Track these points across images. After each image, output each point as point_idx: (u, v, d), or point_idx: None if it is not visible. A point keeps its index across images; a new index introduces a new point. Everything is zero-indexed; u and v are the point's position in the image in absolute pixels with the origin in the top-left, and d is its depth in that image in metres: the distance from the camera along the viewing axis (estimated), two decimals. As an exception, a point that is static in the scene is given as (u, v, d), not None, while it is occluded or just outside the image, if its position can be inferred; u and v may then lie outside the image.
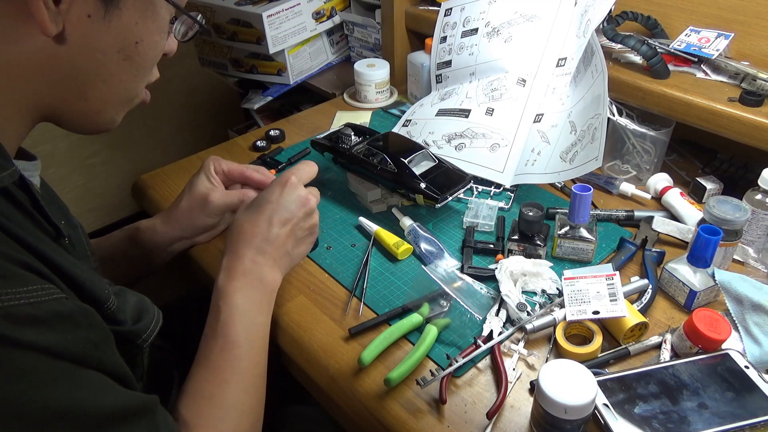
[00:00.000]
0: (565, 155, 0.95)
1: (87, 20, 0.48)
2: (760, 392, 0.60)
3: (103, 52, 0.51)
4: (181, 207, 0.81)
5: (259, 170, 0.83)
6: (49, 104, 0.51)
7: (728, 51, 0.95)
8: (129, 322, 0.55)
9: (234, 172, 0.82)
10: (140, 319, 0.57)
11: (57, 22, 0.46)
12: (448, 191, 0.86)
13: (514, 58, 1.01)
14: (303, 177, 0.72)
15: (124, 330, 0.53)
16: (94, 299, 0.50)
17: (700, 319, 0.65)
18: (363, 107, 1.27)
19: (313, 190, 0.73)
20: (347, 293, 0.79)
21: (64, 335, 0.43)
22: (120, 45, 0.52)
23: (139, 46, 0.53)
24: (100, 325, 0.48)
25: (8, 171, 0.47)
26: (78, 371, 0.43)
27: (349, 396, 0.66)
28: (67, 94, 0.52)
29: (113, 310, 0.52)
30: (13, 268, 0.42)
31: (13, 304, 0.40)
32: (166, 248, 0.82)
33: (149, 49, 0.55)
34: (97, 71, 0.52)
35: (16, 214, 0.47)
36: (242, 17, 1.36)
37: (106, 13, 0.49)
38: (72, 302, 0.45)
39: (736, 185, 0.93)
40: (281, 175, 0.72)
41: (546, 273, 0.77)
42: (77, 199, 1.91)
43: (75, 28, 0.48)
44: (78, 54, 0.49)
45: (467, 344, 0.69)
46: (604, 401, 0.59)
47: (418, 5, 1.28)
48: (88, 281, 0.49)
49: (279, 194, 0.69)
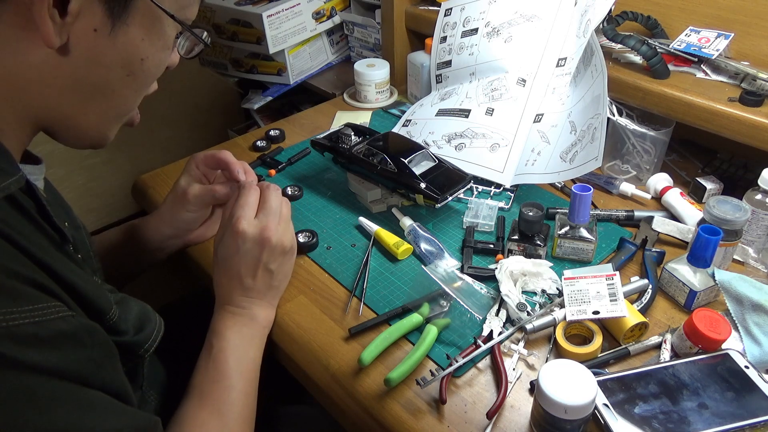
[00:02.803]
0: (565, 155, 0.95)
1: (92, 34, 0.48)
2: (760, 392, 0.60)
3: (107, 66, 0.51)
4: (166, 203, 0.83)
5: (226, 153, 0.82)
6: (49, 116, 0.51)
7: (728, 51, 0.95)
8: (131, 331, 0.55)
9: (208, 158, 0.82)
10: (142, 328, 0.57)
11: (62, 34, 0.46)
12: (448, 191, 0.86)
13: (514, 58, 1.01)
14: (249, 214, 0.70)
15: (125, 341, 0.53)
16: (96, 309, 0.50)
17: (700, 319, 0.65)
18: (363, 107, 1.27)
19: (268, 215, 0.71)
20: (347, 293, 0.79)
21: (68, 355, 0.42)
22: (125, 61, 0.51)
23: (144, 63, 0.53)
24: (105, 342, 0.48)
25: (15, 177, 0.47)
26: (80, 392, 0.43)
27: (349, 396, 0.66)
28: (69, 107, 0.51)
29: (115, 321, 0.52)
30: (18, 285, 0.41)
31: (17, 324, 0.39)
32: (159, 245, 0.83)
33: (153, 66, 0.54)
34: (100, 85, 0.52)
35: (22, 222, 0.46)
36: (242, 17, 1.36)
37: (113, 28, 0.49)
38: (76, 320, 0.45)
39: (736, 185, 0.93)
40: (231, 222, 0.70)
41: (546, 273, 0.77)
42: (77, 199, 1.91)
43: (80, 41, 0.48)
44: (82, 67, 0.49)
45: (467, 344, 0.69)
46: (604, 401, 0.59)
47: (418, 5, 1.28)
48: (90, 291, 0.49)
49: (235, 248, 0.69)
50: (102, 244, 0.81)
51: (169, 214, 0.82)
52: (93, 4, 0.47)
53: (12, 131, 0.49)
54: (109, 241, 0.82)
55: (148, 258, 0.84)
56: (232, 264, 0.70)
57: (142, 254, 0.83)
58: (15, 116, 0.49)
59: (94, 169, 1.93)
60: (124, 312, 0.55)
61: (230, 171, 0.79)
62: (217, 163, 0.81)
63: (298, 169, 1.06)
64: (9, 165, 0.47)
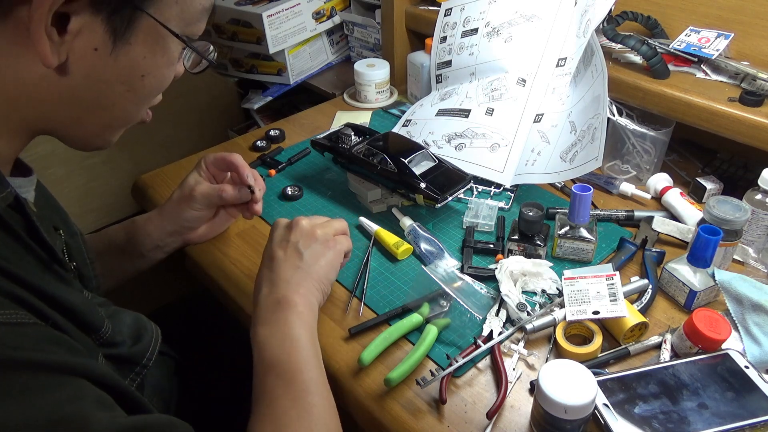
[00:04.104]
0: (565, 155, 0.95)
1: (93, 53, 0.47)
2: (760, 392, 0.60)
3: (106, 83, 0.49)
4: (172, 200, 0.83)
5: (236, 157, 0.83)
6: (46, 126, 0.51)
7: (728, 51, 0.95)
8: (128, 342, 0.54)
9: (218, 159, 0.82)
10: (139, 338, 0.56)
11: (60, 53, 0.45)
12: (448, 191, 0.86)
13: (514, 58, 1.01)
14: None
15: (123, 353, 0.53)
16: (88, 326, 0.49)
17: (700, 319, 0.65)
18: (363, 107, 1.27)
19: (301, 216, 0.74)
20: (347, 293, 0.79)
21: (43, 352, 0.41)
22: (125, 77, 0.50)
23: (145, 79, 0.51)
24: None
25: (2, 194, 0.46)
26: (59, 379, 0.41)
27: (349, 396, 0.66)
28: (67, 119, 0.51)
29: (110, 335, 0.51)
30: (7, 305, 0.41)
31: None
32: (159, 242, 0.83)
33: (155, 81, 0.53)
34: (99, 100, 0.50)
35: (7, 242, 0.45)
36: (242, 17, 1.36)
37: (114, 47, 0.47)
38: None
39: (736, 185, 0.93)
40: None
41: (546, 273, 0.77)
42: (77, 199, 1.90)
43: (79, 59, 0.46)
44: (81, 84, 0.48)
45: (467, 344, 0.69)
46: (604, 401, 0.59)
47: (418, 5, 1.28)
48: (81, 308, 0.48)
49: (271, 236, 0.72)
50: (102, 242, 0.81)
51: (174, 210, 0.82)
52: (94, 22, 0.45)
53: (5, 142, 0.48)
54: (109, 238, 0.82)
55: (148, 256, 0.83)
56: (268, 250, 0.71)
57: (141, 252, 0.82)
58: (8, 127, 0.48)
59: (94, 169, 1.92)
60: (117, 324, 0.54)
61: (239, 174, 0.80)
62: (227, 165, 0.82)
63: (298, 169, 1.06)
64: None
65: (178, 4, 0.49)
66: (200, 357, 0.85)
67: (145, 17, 0.48)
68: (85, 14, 0.44)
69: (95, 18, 0.45)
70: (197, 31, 0.54)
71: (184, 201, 0.81)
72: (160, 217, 0.83)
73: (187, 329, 0.89)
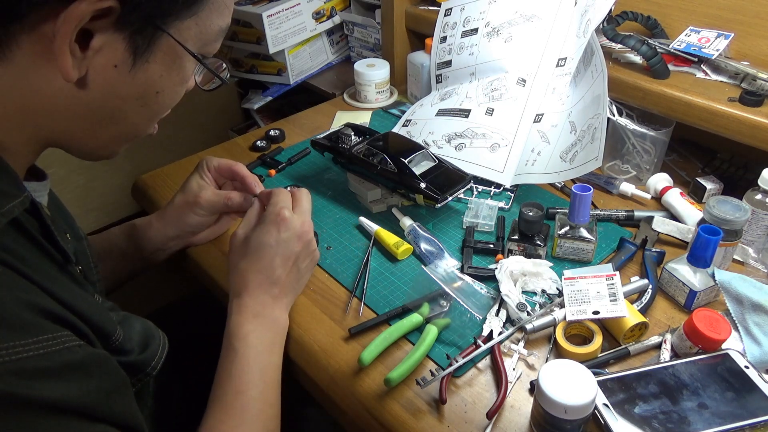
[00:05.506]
0: (565, 155, 0.95)
1: (112, 69, 0.47)
2: (760, 392, 0.60)
3: (122, 98, 0.50)
4: (174, 205, 0.82)
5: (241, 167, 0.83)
6: (59, 138, 0.51)
7: (728, 51, 0.95)
8: (137, 350, 0.55)
9: (223, 167, 0.82)
10: (147, 346, 0.57)
11: (81, 68, 0.45)
12: (448, 191, 0.86)
13: (514, 58, 1.01)
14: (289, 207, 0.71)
15: (132, 360, 0.53)
16: (102, 333, 0.49)
17: (700, 319, 0.65)
18: (363, 107, 1.27)
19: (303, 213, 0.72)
20: (347, 293, 0.79)
21: (74, 386, 0.42)
22: (140, 94, 0.51)
23: (159, 96, 0.53)
24: (114, 371, 0.47)
25: (19, 199, 0.46)
26: (86, 427, 0.42)
27: (349, 396, 0.66)
28: (80, 131, 0.51)
29: (120, 341, 0.52)
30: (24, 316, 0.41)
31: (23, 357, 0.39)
32: (161, 246, 0.83)
33: (168, 98, 0.54)
34: (112, 114, 0.51)
35: (26, 246, 0.46)
36: (242, 17, 1.36)
37: (134, 65, 0.48)
38: (83, 349, 0.44)
39: (736, 185, 0.93)
40: (273, 210, 0.70)
41: (546, 273, 0.77)
42: (77, 199, 1.90)
43: (98, 75, 0.47)
44: (97, 99, 0.49)
45: (467, 344, 0.69)
46: (604, 401, 0.59)
47: (418, 5, 1.28)
48: (95, 315, 0.48)
49: (276, 235, 0.69)
50: (102, 245, 0.80)
51: (177, 215, 0.82)
52: (116, 40, 0.46)
53: (19, 151, 0.49)
54: (109, 241, 0.82)
55: (149, 258, 0.83)
56: (268, 252, 0.68)
57: (141, 255, 0.82)
58: (24, 137, 0.49)
59: (94, 169, 1.92)
60: (128, 331, 0.54)
61: (246, 185, 0.79)
62: (232, 175, 0.81)
63: (298, 169, 1.06)
64: (14, 187, 0.46)
65: (198, 25, 0.50)
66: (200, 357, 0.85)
67: (165, 37, 0.48)
68: (109, 32, 0.45)
69: (118, 36, 0.46)
70: (212, 50, 0.55)
71: (187, 206, 0.81)
72: (162, 221, 0.82)
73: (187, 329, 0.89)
